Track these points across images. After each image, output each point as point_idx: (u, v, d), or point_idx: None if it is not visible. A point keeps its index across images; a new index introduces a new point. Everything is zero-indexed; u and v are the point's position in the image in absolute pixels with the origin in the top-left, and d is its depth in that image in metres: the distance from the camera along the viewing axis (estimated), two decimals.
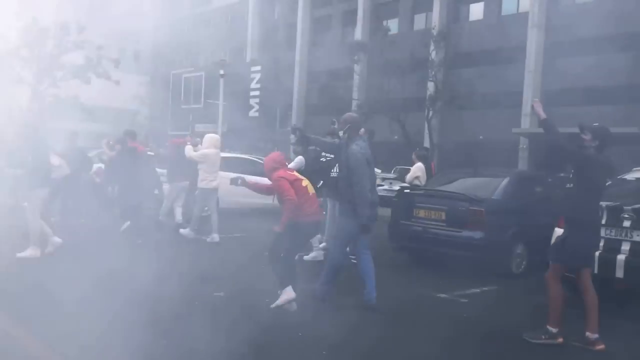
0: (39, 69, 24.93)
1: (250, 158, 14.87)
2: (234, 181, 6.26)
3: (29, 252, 7.64)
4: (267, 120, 36.98)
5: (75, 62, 26.19)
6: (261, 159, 13.14)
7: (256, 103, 37.55)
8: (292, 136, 7.37)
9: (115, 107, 45.97)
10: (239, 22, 43.23)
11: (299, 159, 8.43)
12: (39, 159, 7.89)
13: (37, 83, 25.19)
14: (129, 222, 9.69)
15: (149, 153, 11.53)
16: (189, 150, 9.73)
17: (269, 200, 6.15)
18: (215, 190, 9.83)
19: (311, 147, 8.14)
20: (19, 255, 7.57)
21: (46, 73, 25.19)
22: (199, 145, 10.02)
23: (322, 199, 8.22)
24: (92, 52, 26.16)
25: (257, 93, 37.70)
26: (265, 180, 6.10)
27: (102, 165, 11.85)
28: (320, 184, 8.27)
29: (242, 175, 6.25)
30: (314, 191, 5.86)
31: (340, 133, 5.96)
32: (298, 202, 5.44)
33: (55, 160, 8.93)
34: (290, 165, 8.29)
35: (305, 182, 5.76)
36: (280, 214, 5.67)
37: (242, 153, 16.55)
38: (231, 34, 42.53)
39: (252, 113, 37.28)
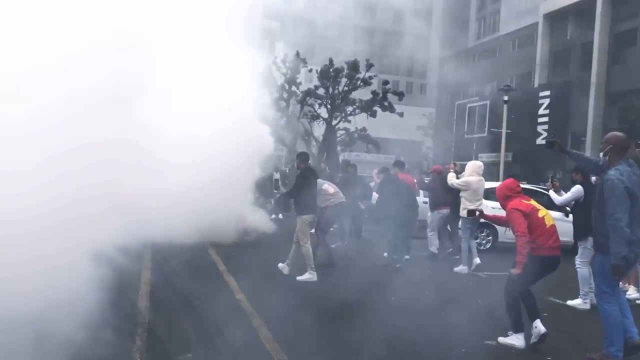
0: (332, 105, 27.44)
1: (529, 187, 13.43)
2: (470, 213, 6.32)
3: (307, 275, 8.18)
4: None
5: (363, 97, 28.16)
6: (543, 189, 11.82)
7: (544, 130, 34.83)
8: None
9: (400, 138, 48.22)
10: (526, 46, 41.20)
11: (577, 188, 7.38)
12: (306, 188, 8.42)
13: (330, 118, 27.72)
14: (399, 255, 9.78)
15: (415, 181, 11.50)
16: (451, 177, 9.59)
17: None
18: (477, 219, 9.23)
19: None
20: (298, 278, 8.17)
21: (338, 109, 27.56)
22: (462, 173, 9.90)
23: None
24: (378, 87, 27.72)
25: (545, 119, 35.01)
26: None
27: None
28: None
29: (479, 208, 6.32)
30: (553, 223, 5.36)
31: (601, 155, 5.05)
32: (530, 237, 5.11)
33: (330, 188, 9.57)
34: (566, 196, 7.66)
35: (543, 213, 5.35)
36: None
37: (527, 183, 15.30)
38: (518, 60, 40.73)
39: (540, 140, 34.67)
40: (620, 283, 6.02)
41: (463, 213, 9.27)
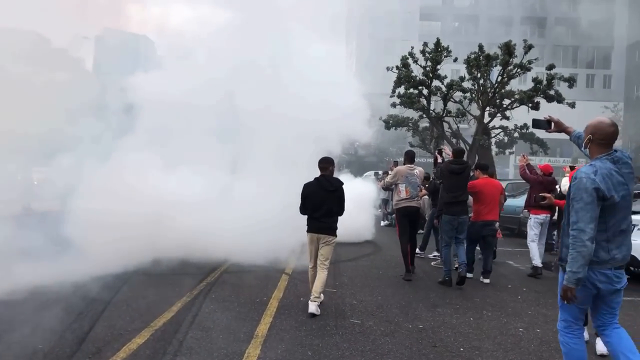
0: (484, 99, 23.03)
1: None
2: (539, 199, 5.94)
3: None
4: None
5: (522, 87, 23.42)
6: None
7: None
8: None
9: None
10: None
11: None
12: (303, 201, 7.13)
13: (482, 115, 23.33)
14: None
15: None
16: (566, 183, 9.02)
17: None
18: None
19: None
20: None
21: (492, 103, 23.06)
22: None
23: None
24: (541, 74, 22.70)
25: None
26: None
27: None
28: None
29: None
30: None
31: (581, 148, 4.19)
32: None
33: (403, 191, 8.94)
34: None
35: None
36: None
37: None
38: None
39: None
40: None
41: None
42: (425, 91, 23.41)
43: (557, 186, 9.99)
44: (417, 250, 11.64)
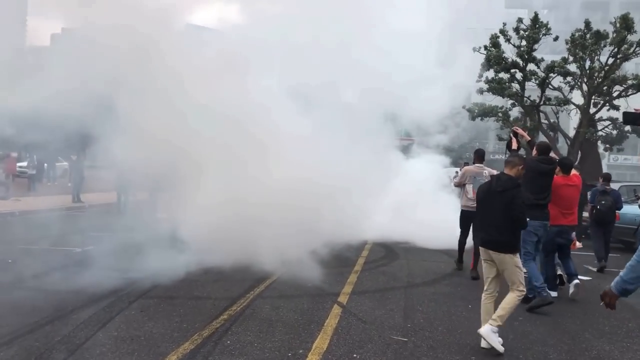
0: (590, 85, 19.55)
1: None
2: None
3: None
4: None
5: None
6: None
7: None
8: None
9: None
10: None
11: None
12: None
13: (587, 104, 19.84)
14: None
15: None
16: None
17: None
18: None
19: None
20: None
21: (599, 90, 19.53)
22: None
23: None
24: None
25: None
26: None
27: None
28: None
29: None
30: None
31: None
32: None
33: (470, 191, 9.11)
34: None
35: None
36: None
37: None
38: None
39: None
40: None
41: None
42: (518, 75, 20.24)
43: None
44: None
